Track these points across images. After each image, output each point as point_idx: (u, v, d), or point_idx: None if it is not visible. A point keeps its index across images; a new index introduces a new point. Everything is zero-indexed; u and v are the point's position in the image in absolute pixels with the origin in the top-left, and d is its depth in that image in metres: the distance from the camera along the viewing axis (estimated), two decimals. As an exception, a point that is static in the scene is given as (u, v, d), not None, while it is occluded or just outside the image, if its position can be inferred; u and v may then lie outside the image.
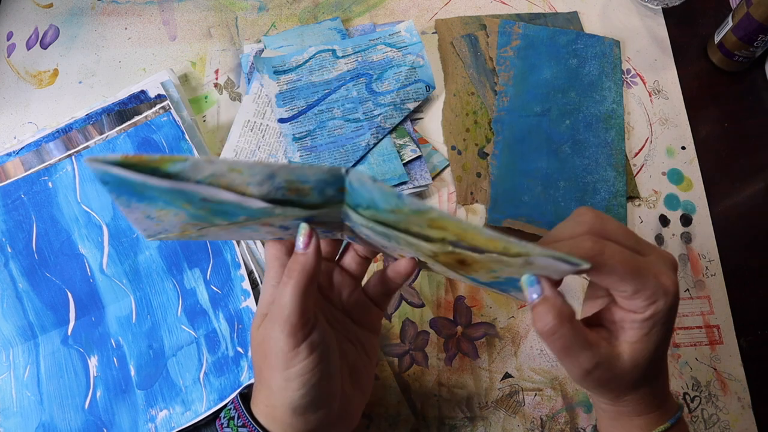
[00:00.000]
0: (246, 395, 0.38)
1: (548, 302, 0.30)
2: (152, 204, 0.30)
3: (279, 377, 0.33)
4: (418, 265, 0.38)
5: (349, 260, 0.39)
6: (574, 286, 0.53)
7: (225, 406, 0.46)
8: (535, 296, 0.30)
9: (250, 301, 0.49)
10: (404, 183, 0.53)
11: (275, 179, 0.30)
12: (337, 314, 0.38)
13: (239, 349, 0.48)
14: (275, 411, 0.34)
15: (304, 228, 0.33)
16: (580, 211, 0.33)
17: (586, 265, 0.29)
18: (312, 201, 0.32)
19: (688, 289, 0.53)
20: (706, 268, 0.54)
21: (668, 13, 0.63)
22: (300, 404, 0.33)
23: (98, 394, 0.48)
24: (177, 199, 0.30)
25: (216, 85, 0.59)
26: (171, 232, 0.34)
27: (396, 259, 0.38)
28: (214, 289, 0.50)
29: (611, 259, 0.30)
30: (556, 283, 0.32)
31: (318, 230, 0.35)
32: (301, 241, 0.33)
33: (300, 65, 0.57)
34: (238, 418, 0.36)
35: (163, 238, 0.35)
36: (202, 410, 0.46)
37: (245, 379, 0.46)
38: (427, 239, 0.32)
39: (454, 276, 0.37)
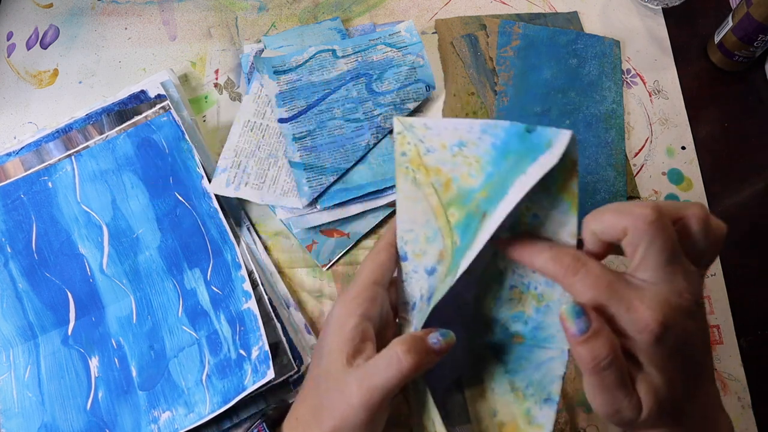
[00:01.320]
0: (269, 420, 0.37)
1: (602, 335, 0.28)
2: (487, 157, 0.32)
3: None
4: None
5: None
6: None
7: (229, 409, 0.46)
8: (582, 328, 0.28)
9: (251, 303, 0.49)
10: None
11: (546, 287, 0.32)
12: None
13: (242, 352, 0.48)
14: None
15: (452, 337, 0.33)
16: (640, 208, 0.29)
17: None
18: (494, 309, 0.34)
19: (688, 289, 0.53)
20: (706, 268, 0.54)
21: (668, 13, 0.63)
22: None
23: (100, 394, 0.48)
24: (495, 187, 0.31)
25: (216, 85, 0.59)
26: (421, 152, 0.34)
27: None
28: (215, 289, 0.50)
29: (581, 283, 0.29)
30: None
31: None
32: (443, 344, 0.32)
33: (300, 65, 0.57)
34: None
35: (402, 137, 0.35)
36: (205, 412, 0.46)
37: (249, 383, 0.46)
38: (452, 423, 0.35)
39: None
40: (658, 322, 0.28)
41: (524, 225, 0.31)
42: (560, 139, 0.28)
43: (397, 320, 0.39)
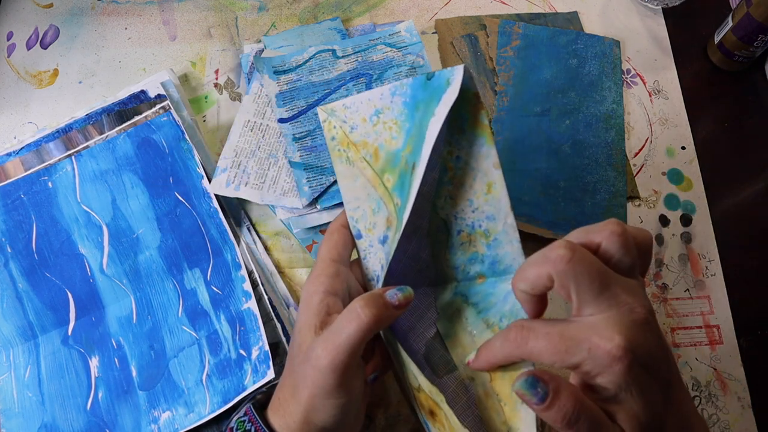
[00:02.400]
0: (257, 403, 0.37)
1: (562, 393, 0.28)
2: (403, 116, 0.34)
3: (315, 402, 0.34)
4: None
5: None
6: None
7: (229, 409, 0.46)
8: (542, 395, 0.28)
9: (252, 303, 0.49)
10: (404, 183, 0.53)
11: (488, 222, 0.33)
12: None
13: (242, 352, 0.48)
14: (301, 427, 0.34)
15: (409, 291, 0.33)
16: (554, 250, 0.29)
17: None
18: (450, 257, 0.35)
19: (688, 289, 0.53)
20: (706, 268, 0.54)
21: (668, 13, 0.63)
22: (336, 427, 0.34)
23: (100, 394, 0.48)
24: (415, 139, 0.32)
25: (216, 85, 0.59)
26: (348, 131, 0.36)
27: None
28: (215, 289, 0.50)
29: (536, 348, 0.29)
30: (541, 309, 0.31)
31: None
32: (399, 297, 0.33)
33: (300, 65, 0.57)
34: None
35: (328, 124, 0.37)
36: (205, 413, 0.46)
37: (249, 383, 0.46)
38: (434, 372, 0.35)
39: (412, 405, 0.38)
40: (622, 348, 0.27)
41: (451, 170, 0.33)
42: (455, 74, 0.30)
43: None
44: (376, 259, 0.37)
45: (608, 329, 0.28)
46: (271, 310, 0.49)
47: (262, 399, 0.38)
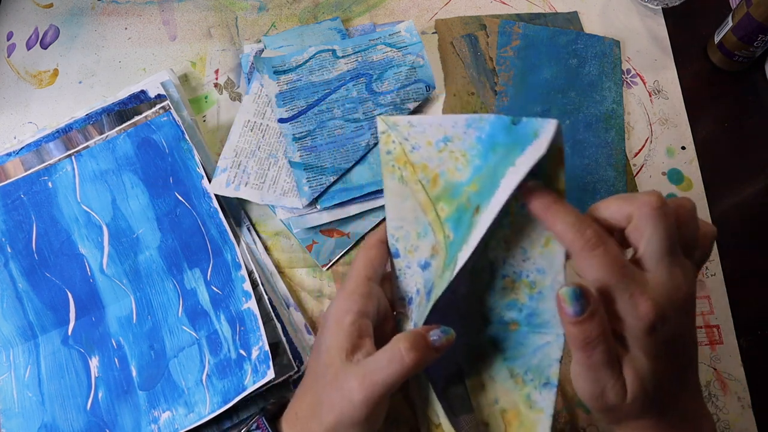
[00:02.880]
0: (268, 413, 0.37)
1: (596, 317, 0.28)
2: (473, 151, 0.33)
3: (338, 429, 0.33)
4: None
5: None
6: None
7: (229, 410, 0.46)
8: (578, 310, 0.28)
9: (252, 303, 0.49)
10: (404, 183, 0.53)
11: (538, 275, 0.32)
12: None
13: (242, 352, 0.48)
14: None
15: (452, 334, 0.33)
16: (645, 195, 0.30)
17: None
18: (487, 298, 0.34)
19: (688, 289, 0.53)
20: (706, 268, 0.54)
21: (668, 13, 0.63)
22: None
23: (100, 394, 0.48)
24: (484, 181, 0.31)
25: (216, 85, 0.59)
26: (407, 150, 0.34)
27: None
28: (215, 289, 0.50)
29: (598, 260, 0.29)
30: None
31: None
32: (443, 341, 0.33)
33: (300, 65, 0.57)
34: None
35: (387, 137, 0.35)
36: (205, 413, 0.46)
37: (249, 383, 0.46)
38: (455, 414, 0.35)
39: None
40: (656, 312, 0.28)
41: (512, 215, 0.32)
42: (546, 128, 0.29)
43: (394, 314, 0.39)
44: (412, 281, 0.36)
45: (655, 291, 0.29)
46: (271, 310, 0.49)
47: (273, 410, 0.38)
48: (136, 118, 0.54)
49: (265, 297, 0.49)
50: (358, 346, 0.34)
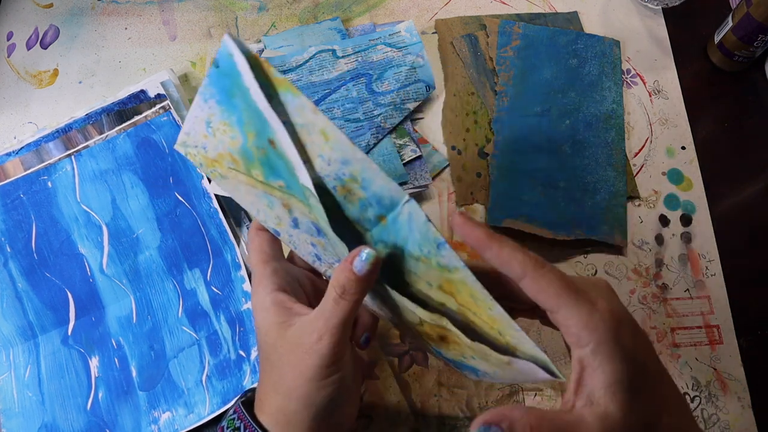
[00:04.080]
0: (246, 402, 0.38)
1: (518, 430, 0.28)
2: (226, 113, 0.31)
3: (311, 385, 0.34)
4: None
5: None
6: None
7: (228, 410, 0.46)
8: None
9: (251, 304, 0.49)
10: (404, 183, 0.53)
11: (345, 167, 0.30)
12: None
13: (241, 353, 0.48)
14: (293, 416, 0.35)
15: (372, 256, 0.33)
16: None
17: (562, 379, 0.30)
18: (347, 213, 0.32)
19: (688, 289, 0.53)
20: (706, 268, 0.54)
21: (668, 13, 0.63)
22: (323, 415, 0.35)
23: (100, 394, 0.48)
24: (252, 124, 0.31)
25: (216, 85, 0.59)
26: (204, 153, 0.34)
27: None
28: (215, 290, 0.50)
29: (549, 276, 0.30)
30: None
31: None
32: (366, 268, 0.33)
33: (300, 65, 0.57)
34: (245, 429, 0.36)
35: (190, 155, 0.35)
36: (205, 413, 0.46)
37: (248, 383, 0.46)
38: (425, 305, 0.33)
39: (419, 341, 0.38)
40: (610, 307, 0.30)
41: (290, 124, 0.31)
42: (228, 45, 0.29)
43: (324, 279, 0.40)
44: (304, 242, 0.36)
45: (604, 293, 0.31)
46: (271, 310, 0.49)
47: (251, 396, 0.39)
48: (136, 117, 0.54)
49: (265, 297, 0.49)
50: (290, 315, 0.35)
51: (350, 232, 0.34)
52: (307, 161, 0.31)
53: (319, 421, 0.35)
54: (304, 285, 0.39)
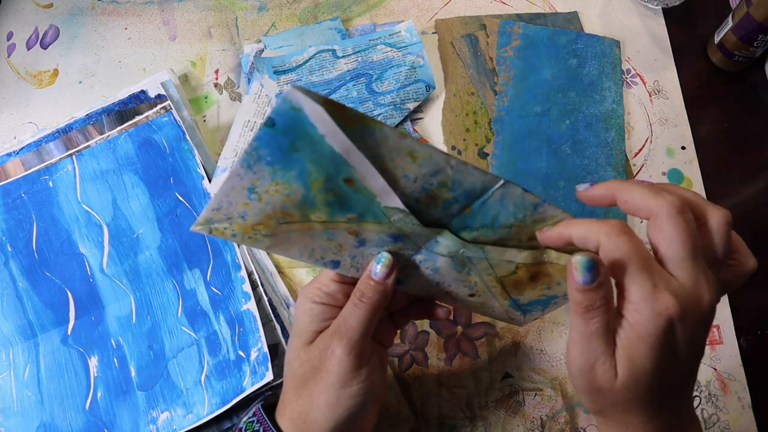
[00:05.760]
0: (265, 406, 0.38)
1: (603, 288, 0.28)
2: (280, 172, 0.30)
3: (332, 394, 0.34)
4: (452, 305, 0.39)
5: None
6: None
7: (228, 410, 0.46)
8: (588, 280, 0.28)
9: (251, 304, 0.49)
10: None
11: (435, 177, 0.31)
12: None
13: (240, 353, 0.48)
14: (314, 425, 0.35)
15: (387, 258, 0.34)
16: (669, 194, 0.29)
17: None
18: (429, 215, 0.33)
19: (688, 289, 0.53)
20: (706, 268, 0.54)
21: (668, 13, 0.63)
22: (344, 422, 0.35)
23: (99, 394, 0.48)
24: (320, 171, 0.30)
25: (216, 85, 0.59)
26: (243, 221, 0.33)
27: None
28: (215, 290, 0.50)
29: (627, 241, 0.28)
30: None
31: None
32: (380, 270, 0.34)
33: (300, 65, 0.57)
34: None
35: (216, 231, 0.33)
36: (203, 413, 0.46)
37: (248, 384, 0.46)
38: (521, 248, 0.34)
39: (481, 308, 0.38)
40: (677, 311, 0.28)
41: (374, 157, 0.30)
42: (294, 98, 0.27)
43: None
44: (368, 256, 0.36)
45: (679, 291, 0.28)
46: (270, 311, 0.49)
47: (271, 400, 0.39)
48: (137, 118, 0.54)
49: (265, 298, 0.49)
50: (322, 322, 0.36)
51: (423, 237, 0.34)
52: (392, 185, 0.31)
53: (340, 429, 0.35)
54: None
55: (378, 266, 0.34)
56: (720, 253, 0.31)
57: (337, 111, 0.28)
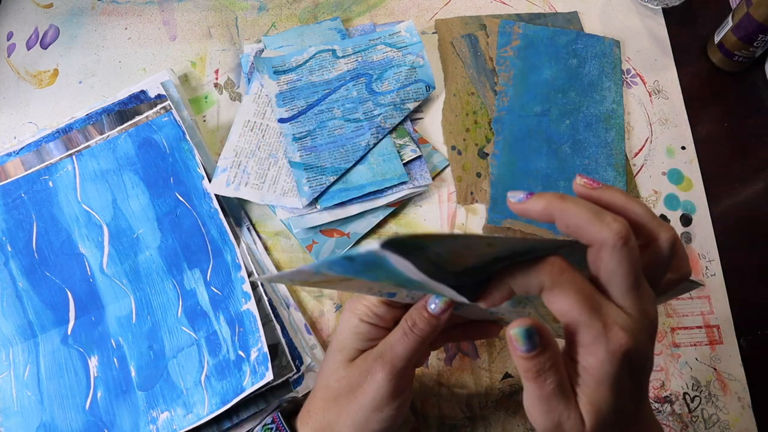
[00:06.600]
0: (284, 411, 0.38)
1: (548, 350, 0.28)
2: (361, 276, 0.29)
3: (363, 415, 0.35)
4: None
5: None
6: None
7: (229, 410, 0.46)
8: (530, 347, 0.28)
9: (251, 304, 0.49)
10: (404, 183, 0.53)
11: (502, 262, 0.29)
12: None
13: (240, 353, 0.48)
14: None
15: (446, 298, 0.33)
16: (613, 222, 0.28)
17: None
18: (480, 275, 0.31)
19: (688, 289, 0.53)
20: (706, 268, 0.54)
21: (668, 13, 0.63)
22: None
23: (99, 394, 0.48)
24: (392, 281, 0.30)
25: (216, 85, 0.59)
26: (307, 283, 0.34)
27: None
28: (215, 290, 0.50)
29: (568, 286, 0.27)
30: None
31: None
32: (439, 306, 0.33)
33: (300, 65, 0.57)
34: None
35: (281, 282, 0.34)
36: (203, 413, 0.46)
37: (248, 384, 0.46)
38: None
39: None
40: (630, 344, 0.27)
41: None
42: (383, 255, 0.25)
43: None
44: (418, 292, 0.35)
45: (627, 323, 0.27)
46: (270, 311, 0.49)
47: (289, 408, 0.39)
48: (137, 118, 0.54)
49: (265, 298, 0.49)
50: (366, 342, 0.36)
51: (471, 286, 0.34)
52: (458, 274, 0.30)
53: None
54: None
55: (437, 301, 0.33)
56: (665, 268, 0.31)
57: (422, 244, 0.26)
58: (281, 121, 0.55)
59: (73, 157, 0.53)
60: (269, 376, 0.46)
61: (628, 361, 0.27)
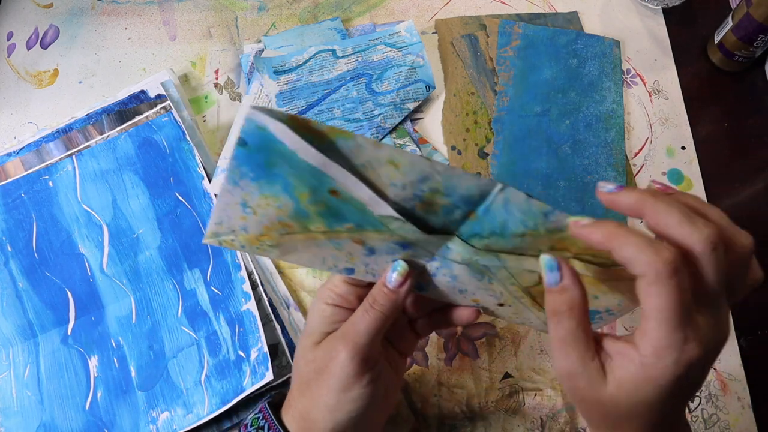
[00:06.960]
0: (272, 403, 0.38)
1: (567, 294, 0.28)
2: (266, 186, 0.30)
3: (332, 397, 0.34)
4: (482, 312, 0.39)
5: None
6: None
7: (229, 410, 0.46)
8: (553, 281, 0.29)
9: (251, 304, 0.49)
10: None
11: (424, 184, 0.30)
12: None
13: (240, 353, 0.48)
14: (314, 425, 0.35)
15: (402, 266, 0.33)
16: (707, 215, 0.28)
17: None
18: (432, 222, 0.32)
19: (688, 289, 0.53)
20: (706, 268, 0.54)
21: (668, 13, 0.63)
22: (345, 425, 0.35)
23: (99, 394, 0.48)
24: (303, 184, 0.30)
25: (216, 85, 0.59)
26: (246, 233, 0.33)
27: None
28: (215, 290, 0.50)
29: (674, 289, 0.26)
30: None
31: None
32: (395, 278, 0.33)
33: (300, 65, 0.57)
34: (269, 429, 0.36)
35: (226, 243, 0.33)
36: (203, 413, 0.46)
37: (248, 384, 0.46)
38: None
39: (516, 318, 0.37)
40: (700, 359, 0.27)
41: (351, 167, 0.30)
42: (257, 118, 0.27)
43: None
44: (383, 263, 0.36)
45: (702, 338, 0.27)
46: (270, 311, 0.49)
47: (277, 398, 0.39)
48: (137, 118, 0.54)
49: (265, 298, 0.49)
50: (333, 324, 0.36)
51: (433, 244, 0.34)
52: (380, 194, 0.30)
53: (341, 430, 0.35)
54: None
55: (393, 274, 0.33)
56: (745, 276, 0.30)
57: (303, 126, 0.28)
58: (281, 121, 0.55)
59: (73, 157, 0.53)
60: (269, 376, 0.46)
61: (688, 372, 0.27)
